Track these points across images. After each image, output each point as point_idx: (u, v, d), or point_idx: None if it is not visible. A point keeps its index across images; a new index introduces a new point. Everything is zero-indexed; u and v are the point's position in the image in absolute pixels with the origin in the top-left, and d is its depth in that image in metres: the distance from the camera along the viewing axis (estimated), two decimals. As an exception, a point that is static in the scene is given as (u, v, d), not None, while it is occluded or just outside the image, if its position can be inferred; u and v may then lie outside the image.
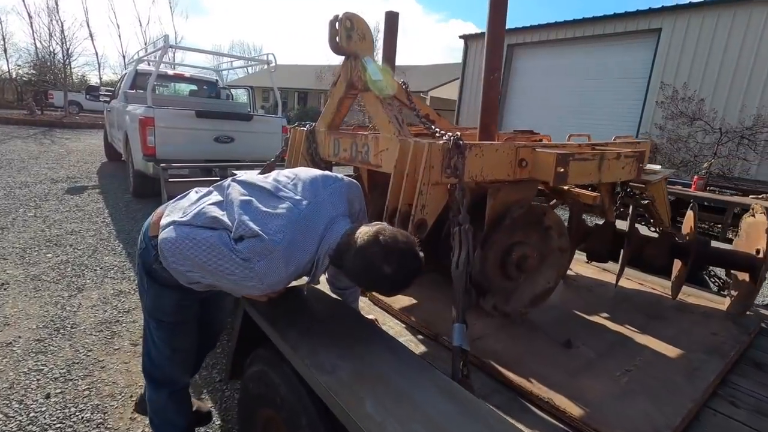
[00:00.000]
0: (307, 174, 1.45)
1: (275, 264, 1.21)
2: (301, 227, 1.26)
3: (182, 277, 1.36)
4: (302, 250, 1.26)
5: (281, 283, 1.28)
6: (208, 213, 1.32)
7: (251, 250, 1.20)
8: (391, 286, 1.25)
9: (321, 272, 1.37)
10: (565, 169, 1.46)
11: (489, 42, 1.79)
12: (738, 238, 2.28)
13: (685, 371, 1.58)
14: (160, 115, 5.71)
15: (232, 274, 1.22)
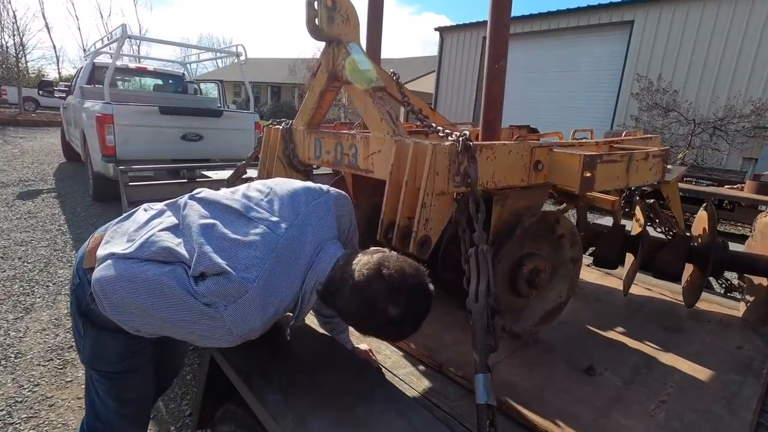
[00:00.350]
0: (285, 188, 1.18)
1: (248, 309, 0.95)
2: (281, 259, 1.00)
3: (125, 326, 1.08)
4: (283, 288, 1.00)
5: (256, 331, 1.01)
6: (158, 242, 1.03)
7: (216, 293, 0.93)
8: (397, 332, 1.02)
9: (307, 310, 1.11)
10: (592, 173, 1.24)
11: (492, 27, 1.54)
12: (752, 239, 2.13)
13: (722, 398, 1.40)
14: (119, 112, 5.26)
15: (192, 323, 0.95)
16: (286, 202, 1.12)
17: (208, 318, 0.94)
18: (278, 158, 1.92)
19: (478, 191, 1.14)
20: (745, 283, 2.15)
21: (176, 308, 0.95)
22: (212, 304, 0.93)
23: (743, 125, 9.37)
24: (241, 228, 1.04)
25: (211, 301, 0.93)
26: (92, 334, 1.19)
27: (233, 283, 0.93)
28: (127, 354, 1.22)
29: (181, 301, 0.94)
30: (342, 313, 1.02)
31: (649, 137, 2.00)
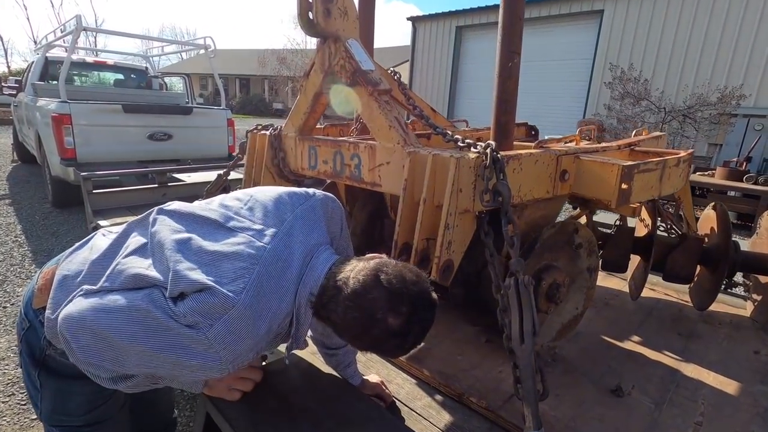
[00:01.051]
0: (267, 194, 1.05)
1: (237, 326, 0.82)
2: (270, 269, 0.87)
3: (100, 376, 0.91)
4: (274, 301, 0.87)
5: (248, 354, 0.87)
6: (126, 270, 0.88)
7: (199, 311, 0.80)
8: (399, 346, 0.90)
9: (305, 330, 0.97)
10: (629, 185, 1.12)
11: (505, 20, 1.40)
12: (757, 236, 2.10)
13: (757, 415, 1.34)
14: (78, 111, 4.85)
15: (174, 351, 0.81)
16: (270, 209, 1.00)
17: (192, 342, 0.81)
18: (266, 168, 1.73)
19: (511, 211, 1.00)
20: (750, 281, 2.12)
21: (156, 336, 0.81)
22: (195, 325, 0.80)
23: (710, 113, 9.66)
24: (222, 239, 0.90)
25: (193, 321, 0.80)
26: (51, 385, 1.01)
27: (217, 298, 0.81)
28: (96, 402, 1.04)
29: (161, 325, 0.81)
30: (337, 328, 0.90)
31: (657, 135, 1.91)
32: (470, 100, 15.31)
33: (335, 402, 1.07)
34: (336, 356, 1.30)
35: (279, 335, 0.96)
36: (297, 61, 23.66)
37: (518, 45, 1.42)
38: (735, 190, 6.79)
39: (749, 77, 9.84)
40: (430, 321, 0.91)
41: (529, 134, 2.56)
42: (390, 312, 0.85)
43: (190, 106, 6.43)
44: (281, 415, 1.01)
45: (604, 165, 1.17)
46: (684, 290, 2.19)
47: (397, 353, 0.96)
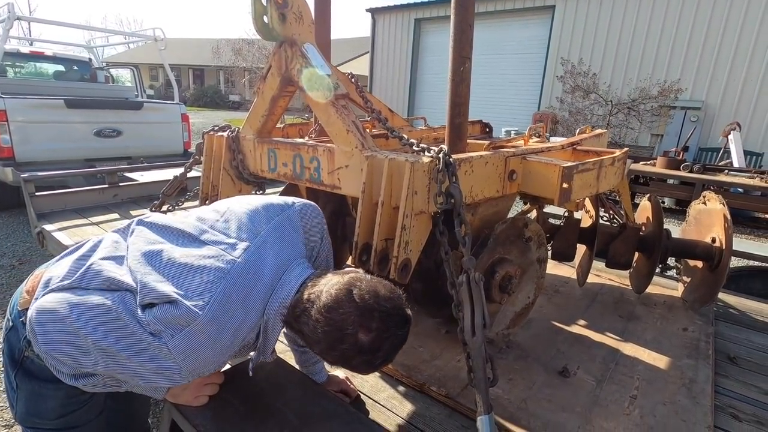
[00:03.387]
0: (244, 205, 1.06)
1: (197, 340, 0.85)
2: (238, 283, 0.89)
3: (61, 371, 0.93)
4: (238, 316, 0.89)
5: (209, 365, 0.91)
6: (101, 272, 0.91)
7: (162, 320, 0.84)
8: (368, 363, 0.92)
9: (273, 343, 1.00)
10: (570, 184, 1.22)
11: (456, 28, 1.45)
12: (686, 224, 2.31)
13: (683, 386, 1.50)
14: (14, 107, 4.52)
15: (136, 354, 0.84)
16: (245, 222, 1.01)
17: (153, 349, 0.84)
18: (224, 170, 1.71)
19: (464, 212, 1.07)
20: (681, 265, 2.33)
21: (121, 337, 0.84)
22: (158, 334, 0.84)
23: (651, 105, 10.32)
24: (193, 252, 0.93)
25: (156, 329, 0.84)
26: (27, 387, 1.02)
27: (180, 311, 0.84)
28: (69, 407, 1.04)
29: (127, 329, 0.84)
30: (308, 340, 0.92)
31: (599, 133, 2.06)
32: (430, 92, 15.49)
33: (300, 400, 1.11)
34: (307, 353, 1.34)
35: (245, 347, 0.99)
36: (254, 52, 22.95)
37: (469, 51, 1.48)
38: (673, 178, 7.32)
39: (685, 72, 10.57)
40: (402, 338, 0.93)
41: (483, 131, 2.66)
42: (360, 328, 0.86)
43: (140, 100, 6.14)
44: (247, 418, 1.03)
45: (547, 166, 1.26)
46: (625, 275, 2.38)
47: (366, 370, 0.96)
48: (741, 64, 9.93)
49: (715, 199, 2.05)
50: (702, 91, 10.43)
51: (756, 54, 9.73)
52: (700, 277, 2.11)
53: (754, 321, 2.11)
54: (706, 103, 10.33)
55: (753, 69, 9.82)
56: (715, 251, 1.97)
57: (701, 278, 2.10)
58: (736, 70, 10.01)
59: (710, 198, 2.09)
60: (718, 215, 2.00)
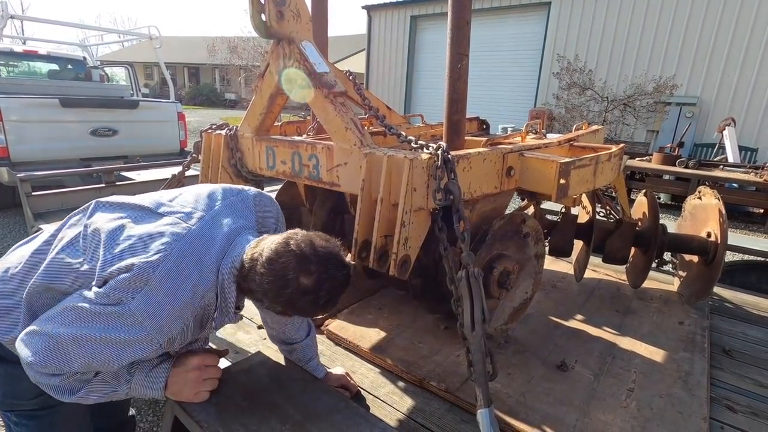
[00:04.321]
0: (201, 187, 1.15)
1: (157, 297, 0.89)
2: (193, 245, 0.95)
3: (53, 384, 0.96)
4: (194, 274, 0.94)
5: (175, 322, 0.92)
6: (63, 269, 0.96)
7: (120, 287, 0.88)
8: (314, 303, 0.97)
9: (231, 303, 1.02)
10: (567, 180, 1.23)
11: (453, 25, 1.46)
12: (682, 219, 2.33)
13: (679, 379, 1.52)
14: (9, 106, 4.50)
15: (106, 332, 0.87)
16: (202, 197, 1.08)
17: (119, 318, 0.87)
18: (223, 168, 1.72)
19: (462, 208, 1.08)
20: (677, 259, 2.35)
21: (89, 323, 0.88)
22: (119, 302, 0.88)
23: (647, 101, 10.35)
24: (151, 223, 0.98)
25: (117, 299, 0.88)
26: (0, 371, 1.05)
27: (135, 272, 0.88)
28: None
29: (92, 312, 0.88)
30: (257, 295, 0.96)
31: (595, 129, 2.07)
32: (427, 89, 15.47)
33: (302, 396, 1.12)
34: (295, 351, 1.35)
35: (206, 309, 1.00)
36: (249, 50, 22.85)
37: (466, 48, 1.49)
38: (669, 174, 7.36)
39: (680, 68, 10.60)
40: (341, 279, 0.97)
41: (480, 128, 2.67)
42: (301, 272, 0.92)
43: (136, 99, 6.11)
44: (249, 414, 1.04)
45: (544, 162, 1.27)
46: (621, 270, 2.40)
47: (312, 310, 1.01)
48: (736, 60, 9.98)
49: (710, 194, 2.07)
50: (697, 87, 10.47)
51: (750, 50, 9.78)
52: (696, 271, 2.13)
53: (749, 314, 2.14)
54: (702, 99, 10.37)
55: (747, 65, 9.87)
56: (710, 246, 1.99)
57: (697, 273, 2.12)
58: (730, 66, 10.05)
59: (705, 193, 2.10)
60: (713, 210, 2.02)
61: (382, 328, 1.77)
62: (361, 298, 1.99)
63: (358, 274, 2.19)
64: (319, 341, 1.68)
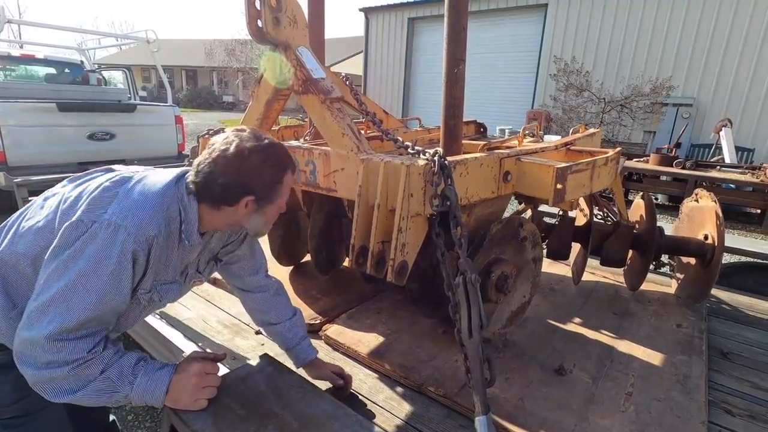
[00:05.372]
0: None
1: (129, 199, 0.96)
2: (150, 176, 1.04)
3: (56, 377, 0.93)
4: (159, 184, 1.00)
5: (153, 220, 0.96)
6: (22, 227, 1.02)
7: (90, 208, 0.94)
8: (276, 165, 1.04)
9: (195, 222, 1.03)
10: (564, 185, 1.23)
11: (450, 30, 1.47)
12: (679, 221, 2.33)
13: (677, 383, 1.52)
14: (6, 110, 4.48)
15: (80, 266, 0.90)
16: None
17: (98, 239, 0.90)
18: (220, 173, 1.71)
19: (459, 215, 1.08)
20: (675, 262, 2.36)
21: (63, 272, 0.90)
22: (92, 223, 0.91)
23: (644, 102, 10.39)
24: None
25: (89, 220, 0.92)
26: None
27: (102, 189, 0.97)
28: (23, 391, 1.04)
29: (71, 254, 0.90)
30: (218, 187, 0.99)
31: (592, 132, 2.07)
32: (425, 91, 15.50)
33: (299, 404, 1.11)
34: (283, 333, 1.37)
35: (172, 223, 1.01)
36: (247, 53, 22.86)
37: (463, 53, 1.50)
38: (666, 175, 7.38)
39: (677, 69, 10.64)
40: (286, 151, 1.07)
41: (478, 131, 2.68)
42: (254, 143, 0.99)
43: (133, 103, 6.10)
44: (247, 422, 1.04)
45: (541, 167, 1.27)
46: (619, 273, 2.40)
47: (277, 173, 1.04)
48: (732, 61, 10.02)
49: (707, 196, 2.07)
50: (693, 88, 10.51)
51: (746, 50, 9.82)
52: (693, 273, 2.14)
53: (746, 316, 2.14)
54: (698, 100, 10.41)
55: (743, 65, 9.91)
56: (707, 248, 2.00)
57: (694, 275, 2.13)
58: (726, 67, 10.09)
59: (702, 195, 2.11)
60: (710, 212, 2.03)
61: (380, 332, 1.76)
62: (360, 303, 1.99)
63: (355, 279, 2.19)
64: (317, 346, 1.67)
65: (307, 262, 2.30)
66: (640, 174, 7.62)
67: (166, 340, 1.67)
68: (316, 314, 1.85)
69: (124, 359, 0.99)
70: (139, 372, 1.00)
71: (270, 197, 1.05)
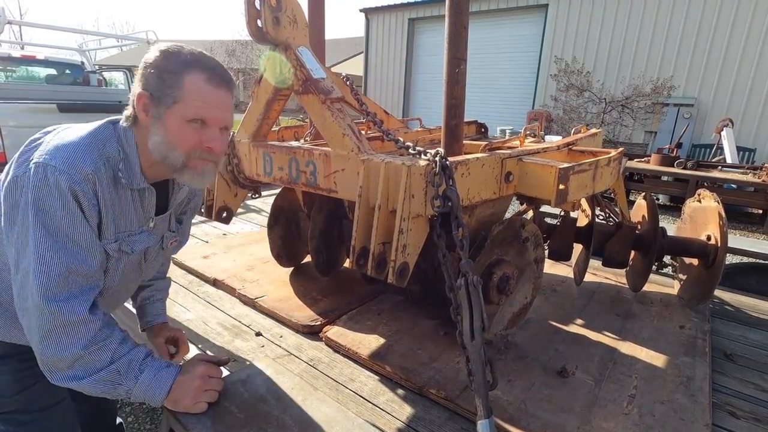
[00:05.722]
0: None
1: (57, 138, 0.93)
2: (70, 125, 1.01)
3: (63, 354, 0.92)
4: (91, 126, 0.97)
5: (86, 157, 0.92)
6: None
7: (20, 161, 0.93)
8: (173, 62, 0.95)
9: (136, 159, 1.00)
10: (566, 185, 1.22)
11: (451, 29, 1.46)
12: (681, 222, 2.32)
13: (681, 384, 1.50)
14: (6, 111, 4.48)
15: (36, 221, 0.89)
16: None
17: (42, 184, 0.88)
18: (219, 175, 1.70)
19: (461, 215, 1.07)
20: (677, 263, 2.34)
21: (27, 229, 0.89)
22: (35, 172, 0.88)
23: (645, 103, 10.37)
24: None
25: (33, 167, 0.89)
26: None
27: (30, 140, 0.96)
28: (24, 381, 1.05)
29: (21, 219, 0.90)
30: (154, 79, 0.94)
31: (594, 132, 2.06)
32: (425, 91, 15.50)
33: (299, 407, 1.10)
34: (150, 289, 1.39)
35: (111, 164, 0.97)
36: (247, 53, 22.89)
37: (464, 52, 1.49)
38: (667, 175, 7.37)
39: (678, 69, 10.63)
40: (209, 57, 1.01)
41: (479, 131, 2.67)
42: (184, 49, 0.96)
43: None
44: (246, 426, 1.03)
45: (543, 167, 1.26)
46: (621, 273, 2.39)
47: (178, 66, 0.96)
48: (732, 60, 10.00)
49: (709, 196, 2.06)
50: (694, 88, 10.50)
51: (747, 50, 9.81)
52: (696, 274, 2.12)
53: (750, 317, 2.13)
54: (699, 100, 10.40)
55: (744, 65, 9.90)
56: (710, 249, 1.98)
57: (697, 276, 2.11)
58: (727, 67, 10.08)
59: (705, 196, 2.10)
60: (713, 213, 2.01)
61: (381, 334, 1.75)
62: (360, 304, 1.98)
63: (356, 280, 2.18)
64: (318, 348, 1.67)
65: (308, 263, 2.29)
66: (641, 174, 7.61)
67: (165, 341, 1.66)
68: (317, 316, 1.84)
69: (133, 353, 0.99)
70: (146, 368, 0.99)
71: (166, 96, 0.94)
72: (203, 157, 1.00)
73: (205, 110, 0.97)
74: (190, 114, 0.95)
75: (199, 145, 0.98)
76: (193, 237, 2.86)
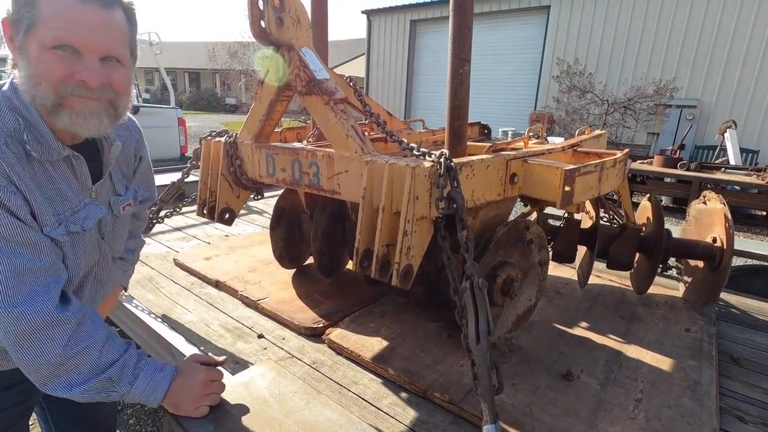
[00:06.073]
0: None
1: None
2: None
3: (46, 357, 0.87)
4: None
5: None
6: None
7: None
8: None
9: (42, 125, 0.87)
10: (572, 187, 1.21)
11: (455, 30, 1.45)
12: (686, 223, 2.30)
13: (688, 389, 1.49)
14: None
15: None
16: None
17: None
18: (222, 176, 1.70)
19: (465, 217, 1.06)
20: (682, 265, 2.33)
21: None
22: None
23: (647, 104, 10.35)
24: None
25: None
26: None
27: None
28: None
29: None
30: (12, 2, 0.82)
31: (599, 134, 2.05)
32: (427, 93, 15.50)
33: (303, 411, 1.09)
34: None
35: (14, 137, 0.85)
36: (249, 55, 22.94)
37: (468, 53, 1.48)
38: (670, 177, 7.34)
39: (680, 70, 10.61)
40: None
41: (482, 133, 2.66)
42: None
43: (136, 105, 6.10)
44: (248, 430, 1.02)
45: (549, 168, 1.25)
46: (626, 276, 2.37)
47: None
48: (736, 62, 9.97)
49: (715, 198, 2.04)
50: (697, 89, 10.47)
51: (751, 51, 9.78)
52: (702, 277, 2.10)
53: (756, 320, 2.11)
54: (702, 101, 10.37)
55: (748, 66, 9.86)
56: (716, 251, 1.97)
57: (702, 278, 2.10)
58: (731, 68, 10.05)
59: (710, 197, 2.08)
60: (718, 215, 2.00)
61: (384, 336, 1.74)
62: (363, 306, 1.97)
63: (359, 282, 2.17)
64: (321, 351, 1.66)
65: (310, 265, 2.28)
66: (644, 176, 7.59)
67: (167, 343, 1.65)
68: (319, 317, 1.83)
69: (126, 357, 0.95)
70: (140, 372, 0.97)
71: (23, 18, 0.79)
72: (79, 93, 0.84)
73: (70, 33, 0.80)
74: (50, 39, 0.79)
75: (69, 77, 0.82)
76: (195, 238, 2.85)
